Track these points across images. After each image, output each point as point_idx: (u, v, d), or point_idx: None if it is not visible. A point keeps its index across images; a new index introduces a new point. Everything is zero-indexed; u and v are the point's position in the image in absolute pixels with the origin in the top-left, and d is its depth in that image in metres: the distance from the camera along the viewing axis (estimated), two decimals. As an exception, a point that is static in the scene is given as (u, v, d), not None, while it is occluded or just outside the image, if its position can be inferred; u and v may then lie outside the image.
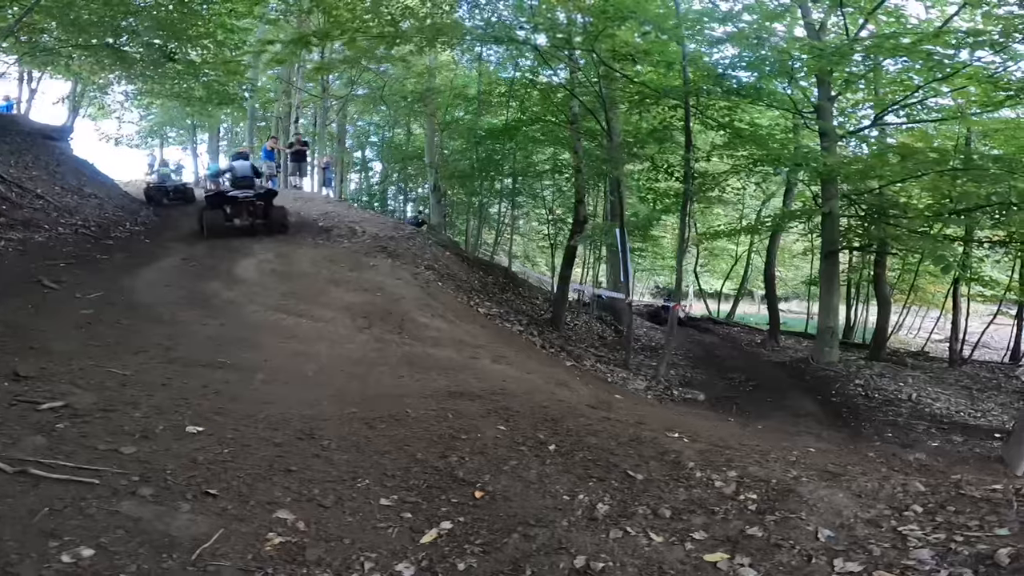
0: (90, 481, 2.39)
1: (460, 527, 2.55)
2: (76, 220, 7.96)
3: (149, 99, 14.85)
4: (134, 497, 2.37)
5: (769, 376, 8.79)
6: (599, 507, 2.65)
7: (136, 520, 2.22)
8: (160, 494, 2.43)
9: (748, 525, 2.39)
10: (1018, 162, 7.04)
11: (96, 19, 9.07)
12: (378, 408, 3.69)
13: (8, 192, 7.32)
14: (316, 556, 2.23)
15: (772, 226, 10.73)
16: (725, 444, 3.66)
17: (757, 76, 8.02)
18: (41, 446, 2.59)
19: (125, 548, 2.05)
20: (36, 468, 2.38)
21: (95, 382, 3.43)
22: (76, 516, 2.17)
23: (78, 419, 2.88)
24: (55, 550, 1.96)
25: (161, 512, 2.32)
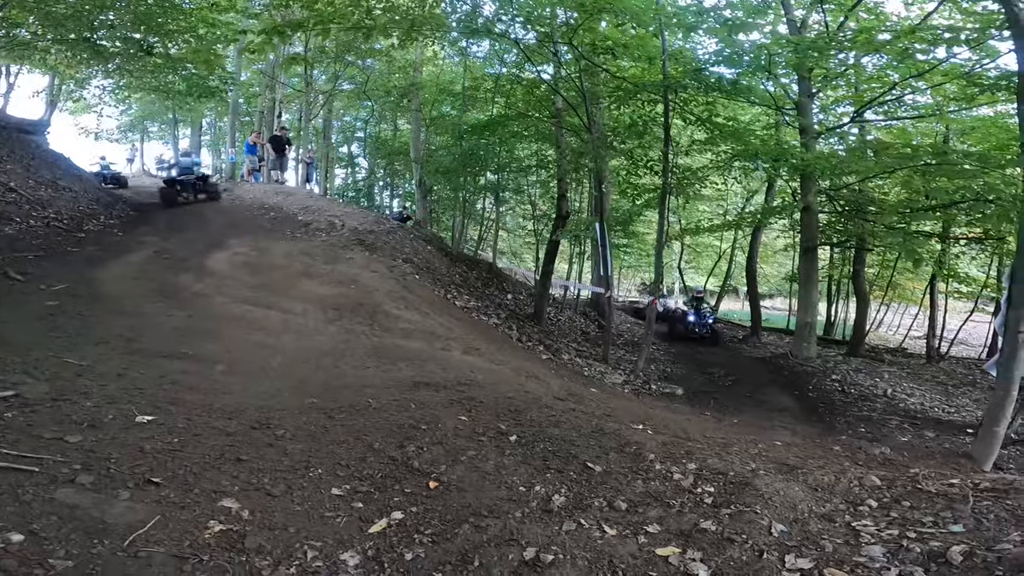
0: (30, 469, 2.36)
1: (411, 517, 2.53)
2: (48, 213, 7.83)
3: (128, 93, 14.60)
4: (72, 485, 2.34)
5: (748, 371, 8.83)
6: (555, 499, 2.65)
7: (72, 507, 2.20)
8: (100, 482, 2.40)
9: (703, 519, 2.39)
10: (992, 158, 7.10)
11: (72, 13, 8.93)
12: (339, 399, 3.67)
13: (-18, 186, 7.20)
14: (257, 544, 2.21)
15: (753, 221, 10.78)
16: (688, 436, 3.67)
17: (737, 72, 8.03)
18: (-16, 435, 2.54)
19: (56, 534, 2.03)
20: (-26, 457, 2.34)
21: (50, 372, 3.38)
22: (11, 503, 2.14)
23: (27, 408, 2.84)
24: None
25: (99, 500, 2.29)
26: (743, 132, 8.39)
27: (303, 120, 18.48)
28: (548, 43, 8.82)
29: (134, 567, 1.96)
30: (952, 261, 11.44)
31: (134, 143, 23.72)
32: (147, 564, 1.98)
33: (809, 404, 7.39)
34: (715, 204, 14.97)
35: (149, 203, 10.54)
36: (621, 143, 9.50)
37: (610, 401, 5.03)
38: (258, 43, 8.56)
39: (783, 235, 12.97)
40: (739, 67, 7.84)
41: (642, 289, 24.99)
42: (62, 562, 1.90)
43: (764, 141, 8.68)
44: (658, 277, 8.53)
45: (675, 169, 8.10)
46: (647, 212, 11.23)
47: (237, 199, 11.29)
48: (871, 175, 7.96)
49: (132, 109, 20.67)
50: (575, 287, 14.17)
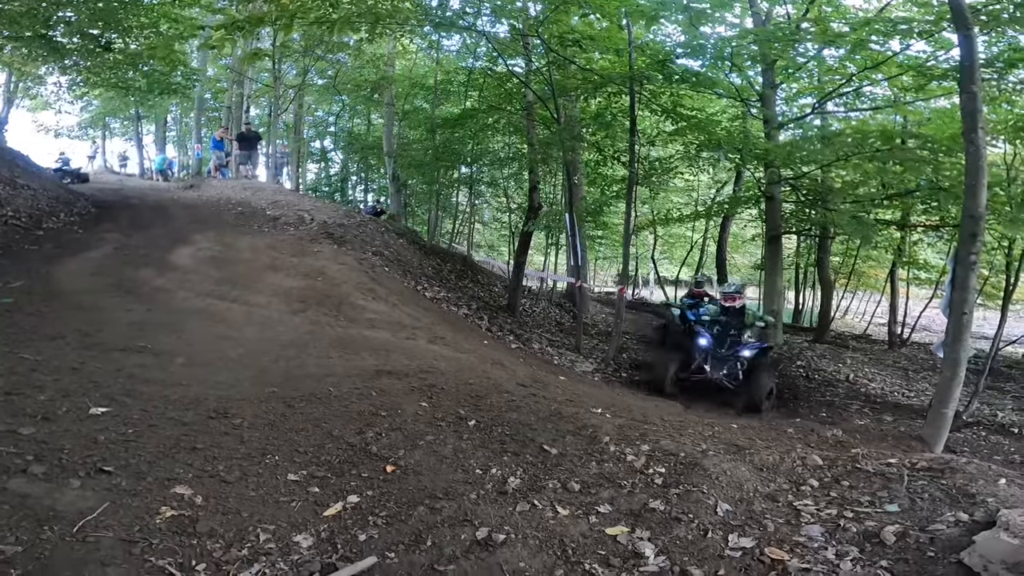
0: (-20, 460, 2.35)
1: (367, 500, 2.58)
2: (6, 211, 7.64)
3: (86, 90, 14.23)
4: (24, 475, 2.35)
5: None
6: (510, 481, 2.71)
7: (23, 496, 2.21)
8: (51, 472, 2.41)
9: (652, 499, 2.47)
10: (937, 142, 7.32)
11: (27, 10, 8.66)
12: (300, 388, 3.68)
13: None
14: (209, 528, 2.24)
15: (722, 211, 10.97)
16: (646, 420, 3.75)
17: (702, 64, 8.16)
18: (-69, 429, 2.52)
19: (7, 522, 2.05)
20: (-74, 450, 2.33)
21: (4, 367, 3.34)
22: (-40, 495, 2.13)
23: (-25, 403, 2.80)
24: None
25: (50, 489, 2.30)
26: (708, 123, 8.53)
27: (272, 115, 18.23)
28: (518, 36, 8.85)
29: (82, 551, 1.98)
30: (911, 248, 11.78)
31: (95, 140, 23.15)
32: (95, 548, 2.01)
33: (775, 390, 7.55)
34: (685, 194, 15.17)
35: (111, 200, 10.33)
36: (592, 134, 9.58)
37: (575, 387, 5.11)
38: (218, 38, 8.39)
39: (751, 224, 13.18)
40: (703, 58, 7.97)
41: (617, 280, 25.20)
42: (12, 547, 1.92)
43: (729, 132, 8.83)
44: (626, 266, 8.64)
45: (642, 160, 8.20)
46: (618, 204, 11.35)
47: (203, 195, 11.13)
48: (826, 163, 8.17)
49: (92, 106, 20.14)
50: (549, 278, 14.26)
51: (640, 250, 18.24)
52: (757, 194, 9.86)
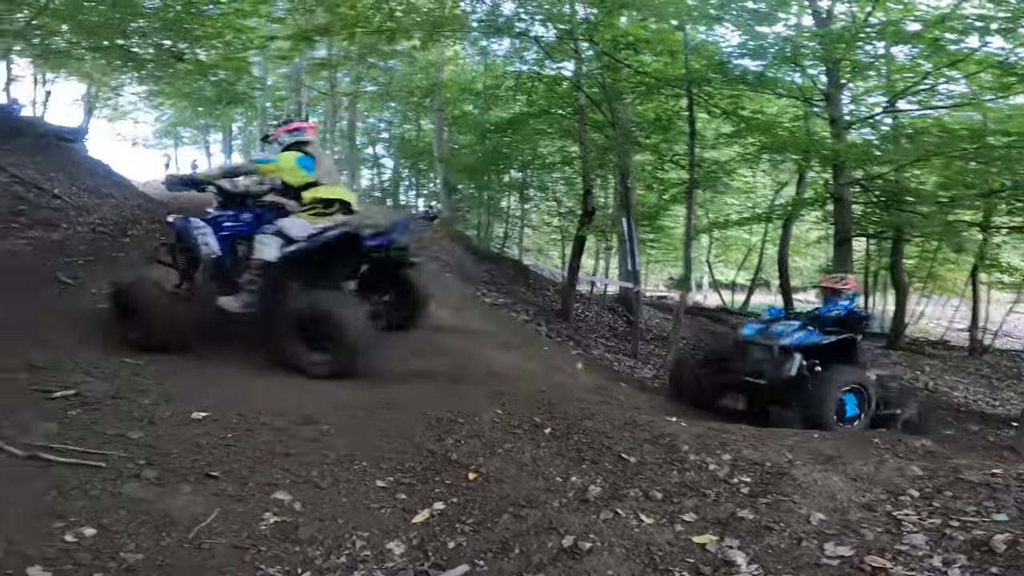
0: (97, 464, 2.49)
1: (452, 507, 2.62)
2: (93, 219, 8.13)
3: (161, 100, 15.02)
4: (138, 480, 2.46)
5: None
6: (591, 489, 2.70)
7: (138, 501, 2.31)
8: (163, 476, 2.52)
9: (739, 508, 2.42)
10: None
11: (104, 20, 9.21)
12: (377, 395, 3.77)
13: (27, 193, 7.52)
14: (309, 534, 2.31)
15: (784, 213, 10.60)
16: (722, 428, 3.68)
17: (762, 64, 7.96)
18: (52, 432, 2.69)
19: (126, 528, 2.14)
20: (46, 453, 2.49)
21: (108, 372, 3.54)
22: (81, 498, 2.26)
23: (89, 406, 2.99)
24: (59, 530, 2.05)
25: (162, 493, 2.40)
26: (772, 124, 8.29)
27: (329, 122, 18.83)
28: (568, 40, 8.84)
29: (199, 558, 2.08)
30: (994, 251, 11.10)
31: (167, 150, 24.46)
32: (211, 555, 2.10)
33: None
34: (743, 197, 14.77)
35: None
36: (646, 138, 9.47)
37: (640, 395, 5.06)
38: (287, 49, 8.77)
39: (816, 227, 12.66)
40: (764, 59, 7.77)
41: (670, 284, 24.76)
42: (133, 555, 2.01)
43: (792, 133, 8.56)
44: (687, 271, 8.50)
45: (701, 163, 8.05)
46: (674, 206, 11.16)
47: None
48: (906, 163, 7.80)
49: (166, 116, 21.31)
50: (601, 283, 14.16)
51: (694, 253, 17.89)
52: (824, 196, 9.52)
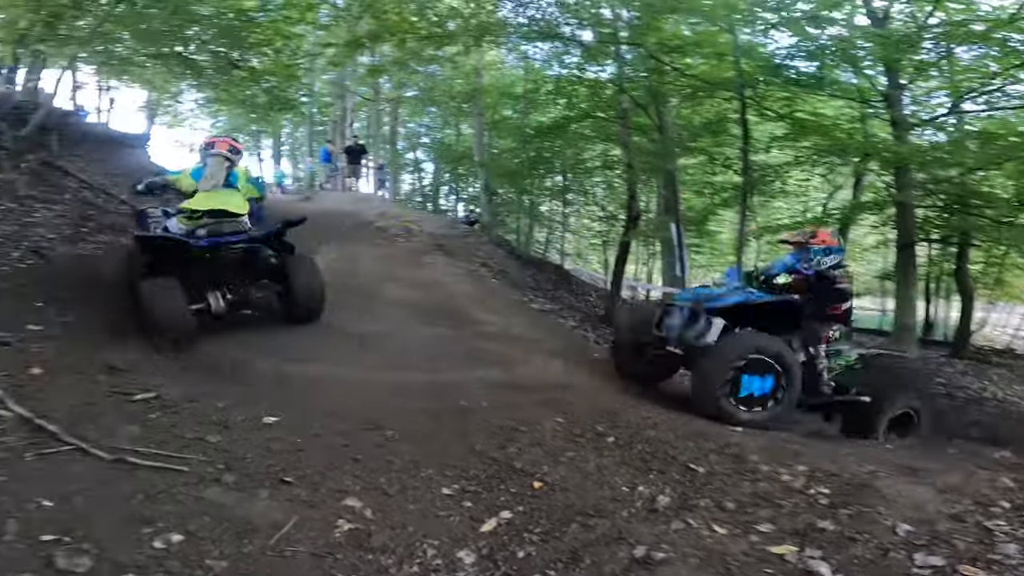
0: (179, 469, 2.56)
1: (519, 516, 2.60)
2: (158, 225, 8.47)
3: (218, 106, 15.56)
4: (218, 484, 2.52)
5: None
6: (659, 499, 2.67)
7: (220, 507, 2.36)
8: (241, 482, 2.57)
9: (819, 519, 2.36)
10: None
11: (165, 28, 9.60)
12: (438, 400, 3.80)
13: (95, 198, 7.88)
14: (381, 542, 2.33)
15: (841, 219, 10.22)
16: (791, 439, 3.58)
17: (818, 66, 7.72)
18: (135, 435, 2.79)
19: (210, 534, 2.19)
20: (132, 456, 2.57)
21: (182, 375, 3.68)
22: (168, 502, 2.33)
23: (168, 409, 3.09)
24: (148, 536, 2.11)
25: (242, 499, 2.45)
26: (829, 127, 8.02)
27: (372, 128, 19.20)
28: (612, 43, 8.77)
29: (282, 566, 2.10)
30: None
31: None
32: (293, 563, 2.12)
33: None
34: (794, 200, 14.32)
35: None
36: (693, 141, 9.33)
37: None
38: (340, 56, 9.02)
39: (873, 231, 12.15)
40: (820, 61, 7.54)
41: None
42: (218, 563, 2.04)
43: (851, 135, 8.27)
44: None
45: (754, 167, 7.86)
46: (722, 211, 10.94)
47: (317, 207, 11.80)
48: (977, 167, 7.44)
49: (220, 122, 22.07)
50: (647, 288, 13.99)
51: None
52: (885, 199, 9.15)
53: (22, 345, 3.57)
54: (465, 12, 9.48)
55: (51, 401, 2.93)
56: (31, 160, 7.52)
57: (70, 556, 1.92)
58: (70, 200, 7.34)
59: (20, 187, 6.76)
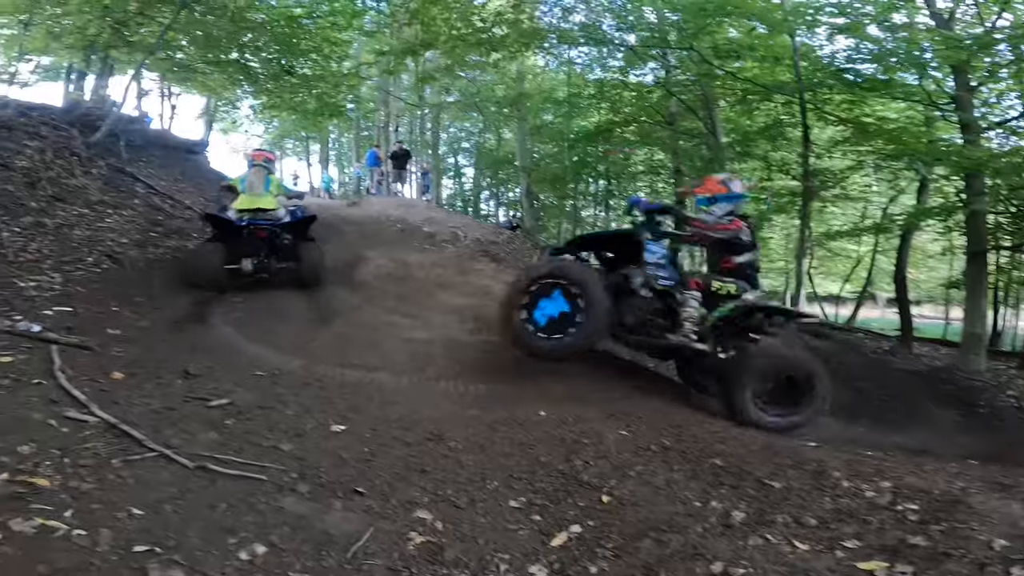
0: (258, 477, 2.61)
1: (589, 531, 2.57)
2: (220, 228, 8.77)
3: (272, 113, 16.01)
4: (294, 494, 2.55)
5: (903, 386, 8.03)
6: (734, 514, 2.61)
7: (299, 517, 2.39)
8: (315, 491, 2.60)
9: (909, 535, 2.29)
10: None
11: (224, 35, 9.96)
12: (497, 410, 3.78)
13: (162, 203, 8.25)
14: (454, 556, 2.32)
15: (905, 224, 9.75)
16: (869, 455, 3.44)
17: (882, 68, 7.41)
18: (214, 441, 2.86)
19: (291, 545, 2.21)
20: (212, 464, 2.63)
21: (251, 380, 3.76)
22: (249, 512, 2.36)
23: (242, 416, 3.16)
24: (234, 547, 2.15)
25: (318, 509, 2.47)
26: (896, 131, 7.68)
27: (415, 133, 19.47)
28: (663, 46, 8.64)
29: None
30: None
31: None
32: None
33: (982, 421, 6.64)
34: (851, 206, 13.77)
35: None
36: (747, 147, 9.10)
37: None
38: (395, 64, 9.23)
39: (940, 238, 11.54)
40: (885, 63, 7.24)
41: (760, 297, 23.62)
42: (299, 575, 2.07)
43: (917, 139, 7.90)
44: (799, 285, 8.05)
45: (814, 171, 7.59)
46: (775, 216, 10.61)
47: (365, 212, 12.00)
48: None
49: (273, 127, 22.69)
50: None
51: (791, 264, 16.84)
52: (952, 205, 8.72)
53: (102, 350, 3.70)
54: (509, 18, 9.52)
55: (133, 406, 3.03)
56: (102, 166, 7.90)
57: (163, 568, 1.96)
58: (139, 205, 7.69)
59: (93, 192, 7.12)
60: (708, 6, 7.40)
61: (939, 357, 10.43)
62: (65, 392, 3.00)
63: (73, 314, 4.20)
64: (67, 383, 3.08)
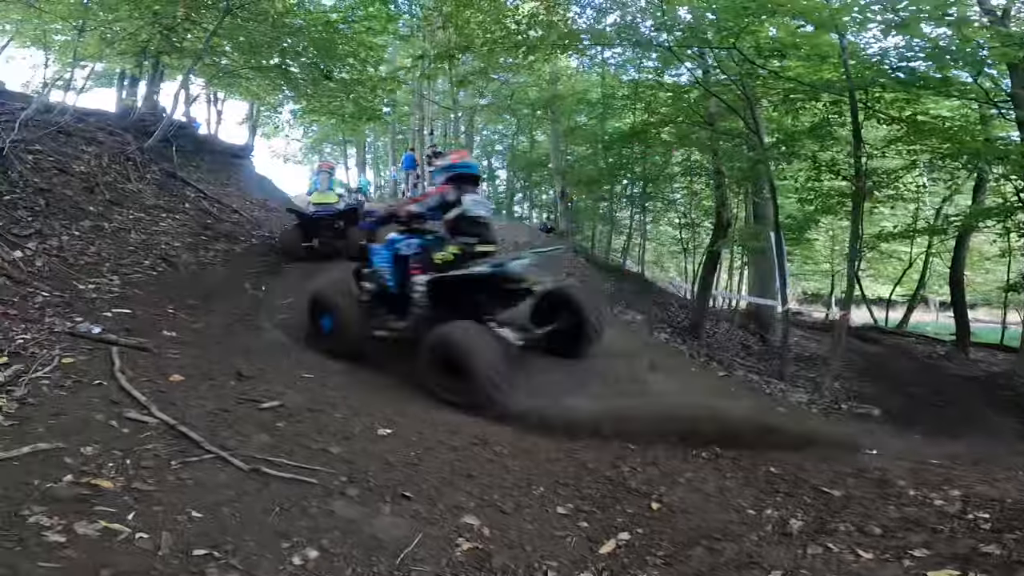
0: (309, 480, 2.64)
1: (638, 538, 2.54)
2: (264, 232, 9.01)
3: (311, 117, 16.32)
4: (344, 497, 2.57)
5: (958, 391, 7.71)
6: (791, 522, 2.54)
7: (349, 521, 2.41)
8: (364, 495, 2.62)
9: (982, 543, 2.19)
10: None
11: (265, 40, 10.22)
12: (542, 415, 3.74)
13: (211, 208, 8.52)
14: (502, 563, 2.31)
15: (961, 226, 9.31)
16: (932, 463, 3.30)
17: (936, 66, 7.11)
18: (267, 444, 2.91)
19: (341, 550, 2.23)
20: (266, 466, 2.68)
21: (300, 383, 3.82)
22: (301, 516, 2.40)
23: (293, 418, 3.21)
24: (287, 551, 2.18)
25: (367, 514, 2.49)
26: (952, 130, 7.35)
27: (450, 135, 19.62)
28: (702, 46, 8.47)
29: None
30: None
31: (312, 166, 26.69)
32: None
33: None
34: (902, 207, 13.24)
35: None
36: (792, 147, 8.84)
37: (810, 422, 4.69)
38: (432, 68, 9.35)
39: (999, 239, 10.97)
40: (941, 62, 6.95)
41: (803, 299, 23.04)
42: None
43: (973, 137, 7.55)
44: (851, 289, 7.79)
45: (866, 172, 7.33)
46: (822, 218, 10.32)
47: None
48: None
49: (313, 132, 23.17)
50: (733, 299, 13.45)
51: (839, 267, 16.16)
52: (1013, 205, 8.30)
53: (159, 351, 3.82)
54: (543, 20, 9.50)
55: (190, 408, 3.12)
56: (155, 171, 8.20)
57: (222, 573, 1.99)
58: (190, 209, 7.94)
59: (148, 197, 7.39)
60: (749, 5, 7.20)
61: (996, 363, 10.01)
62: (126, 393, 3.10)
63: (131, 316, 4.35)
64: (127, 384, 3.19)
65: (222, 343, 4.28)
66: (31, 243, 4.87)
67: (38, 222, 5.25)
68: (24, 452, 2.40)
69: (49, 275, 4.55)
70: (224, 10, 8.46)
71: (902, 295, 17.36)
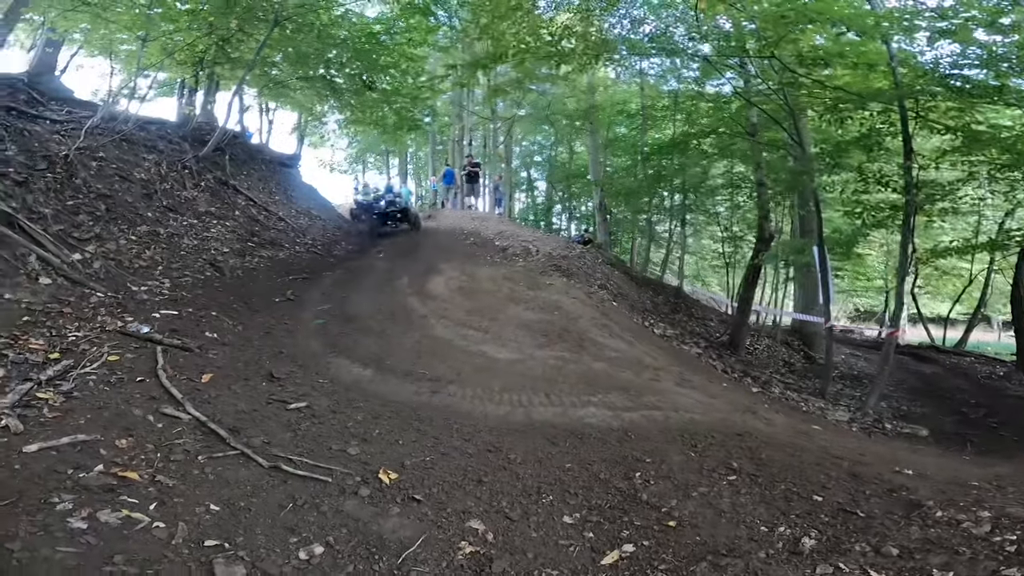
0: (324, 479, 2.76)
1: (643, 551, 2.54)
2: (307, 239, 9.37)
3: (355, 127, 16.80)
4: (356, 497, 2.69)
5: (1016, 412, 7.22)
6: (804, 541, 2.50)
7: (356, 520, 2.52)
8: (375, 496, 2.73)
9: (1003, 566, 2.15)
10: None
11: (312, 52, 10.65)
12: (559, 425, 3.79)
13: (258, 215, 8.90)
14: (501, 568, 2.36)
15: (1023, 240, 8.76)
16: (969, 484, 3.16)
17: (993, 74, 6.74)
18: (289, 442, 3.06)
19: (345, 548, 2.34)
20: (285, 464, 2.82)
21: (327, 386, 3.97)
22: (312, 513, 2.51)
23: (316, 420, 3.36)
24: (295, 545, 2.29)
25: (375, 514, 2.59)
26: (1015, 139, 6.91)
27: (488, 147, 19.84)
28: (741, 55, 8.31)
29: (406, 587, 2.17)
30: None
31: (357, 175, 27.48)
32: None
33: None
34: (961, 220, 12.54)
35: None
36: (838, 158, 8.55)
37: (844, 440, 4.53)
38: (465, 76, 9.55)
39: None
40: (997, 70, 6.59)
41: (854, 316, 22.07)
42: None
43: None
44: (900, 306, 7.43)
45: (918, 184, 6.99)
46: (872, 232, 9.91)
47: (440, 225, 12.41)
48: None
49: (356, 142, 23.86)
50: (776, 314, 13.03)
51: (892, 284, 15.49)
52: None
53: (200, 351, 4.03)
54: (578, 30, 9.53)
55: (222, 406, 3.29)
56: (209, 179, 8.63)
57: (228, 564, 2.12)
58: (239, 216, 8.32)
59: (201, 204, 7.78)
60: (789, 13, 7.02)
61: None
62: (164, 390, 3.31)
63: (178, 317, 4.60)
64: (167, 381, 3.39)
65: (259, 345, 4.46)
66: (90, 246, 5.22)
67: (98, 226, 5.62)
68: (63, 443, 2.60)
69: (105, 277, 4.86)
70: (273, 22, 8.87)
71: (962, 313, 16.42)
